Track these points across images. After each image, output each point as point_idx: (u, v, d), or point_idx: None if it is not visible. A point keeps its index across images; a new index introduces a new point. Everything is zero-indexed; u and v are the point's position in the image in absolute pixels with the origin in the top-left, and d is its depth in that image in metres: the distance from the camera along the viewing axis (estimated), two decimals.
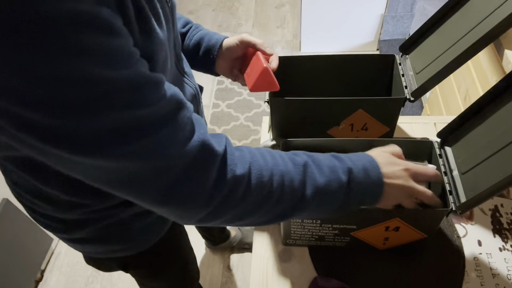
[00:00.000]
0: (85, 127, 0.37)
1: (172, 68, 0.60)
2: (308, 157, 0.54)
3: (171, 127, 0.43)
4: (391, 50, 2.36)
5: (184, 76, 0.67)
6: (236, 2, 2.96)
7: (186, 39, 0.78)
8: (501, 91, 0.68)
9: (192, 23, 0.80)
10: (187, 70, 0.70)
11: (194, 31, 0.79)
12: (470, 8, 0.79)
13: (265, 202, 0.50)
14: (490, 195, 0.61)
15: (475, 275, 0.73)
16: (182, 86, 0.66)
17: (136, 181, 0.44)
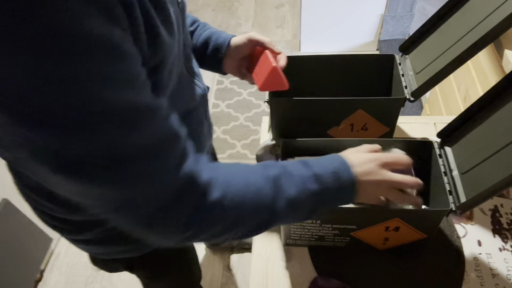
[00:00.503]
0: (71, 147, 0.37)
1: (181, 69, 0.60)
2: (280, 169, 0.54)
3: (161, 157, 0.43)
4: (391, 50, 2.36)
5: (193, 77, 0.67)
6: (235, 2, 2.96)
7: (194, 38, 0.78)
8: (501, 91, 0.68)
9: (200, 22, 0.80)
10: (196, 70, 0.70)
11: (202, 30, 0.78)
12: (470, 8, 0.79)
13: (239, 221, 0.51)
14: (490, 195, 0.61)
15: (475, 275, 0.73)
16: (191, 86, 0.66)
17: (118, 206, 0.43)
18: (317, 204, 0.55)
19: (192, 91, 0.66)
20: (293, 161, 0.57)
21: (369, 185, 0.58)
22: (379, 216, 0.67)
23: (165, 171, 0.44)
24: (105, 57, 0.35)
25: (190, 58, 0.66)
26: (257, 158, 0.87)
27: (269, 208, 0.52)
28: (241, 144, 1.99)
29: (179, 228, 0.47)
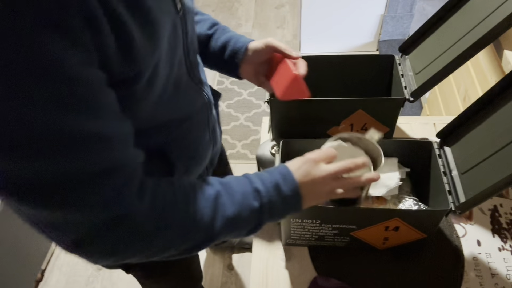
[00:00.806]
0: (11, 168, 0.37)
1: (181, 76, 0.59)
2: (220, 186, 0.54)
3: (96, 187, 0.42)
4: (390, 50, 2.36)
5: (196, 84, 0.65)
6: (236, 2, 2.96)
7: (212, 41, 0.76)
8: (500, 91, 0.68)
9: (219, 25, 0.79)
10: (202, 78, 0.69)
11: (221, 33, 0.77)
12: (469, 8, 0.80)
13: (176, 242, 0.51)
14: (489, 195, 0.61)
15: (474, 275, 0.73)
16: (192, 94, 0.65)
17: (46, 227, 0.43)
18: (260, 219, 0.55)
19: (192, 98, 0.65)
20: (237, 177, 0.57)
21: (312, 185, 0.57)
22: (379, 216, 0.67)
23: (100, 199, 0.43)
24: (55, 83, 0.35)
25: (195, 65, 0.64)
26: (257, 158, 0.87)
27: (207, 229, 0.52)
28: (241, 144, 1.99)
29: (110, 253, 0.47)
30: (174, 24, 0.51)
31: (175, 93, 0.58)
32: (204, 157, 0.72)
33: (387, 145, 0.78)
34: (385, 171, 0.76)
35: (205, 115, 0.69)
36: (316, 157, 0.58)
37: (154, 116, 0.56)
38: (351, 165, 0.58)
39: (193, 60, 0.64)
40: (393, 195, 0.76)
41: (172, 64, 0.54)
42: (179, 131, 0.63)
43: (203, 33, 0.76)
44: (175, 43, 0.53)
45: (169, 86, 0.55)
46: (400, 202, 0.76)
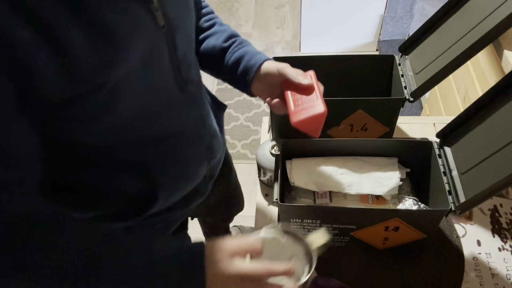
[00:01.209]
0: None
1: (168, 93, 0.57)
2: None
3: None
4: (390, 50, 2.36)
5: (189, 100, 0.62)
6: (236, 2, 2.96)
7: (227, 55, 0.72)
8: (500, 91, 0.68)
9: (238, 38, 0.74)
10: (196, 92, 0.66)
11: (236, 47, 0.72)
12: (469, 8, 0.80)
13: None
14: (489, 195, 0.61)
15: (475, 275, 0.73)
16: (183, 111, 0.62)
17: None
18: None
19: (182, 115, 0.62)
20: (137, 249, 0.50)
21: (216, 280, 0.50)
22: (379, 216, 0.67)
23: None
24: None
25: (190, 81, 0.61)
26: (257, 158, 0.87)
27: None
28: (241, 144, 1.99)
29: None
30: (152, 41, 0.48)
31: (156, 111, 0.55)
32: (194, 173, 0.69)
33: (387, 145, 0.78)
34: (385, 171, 0.76)
35: (195, 131, 0.66)
36: (235, 249, 0.51)
37: (126, 133, 0.53)
38: (265, 272, 0.50)
39: (187, 76, 0.60)
40: (393, 195, 0.76)
41: (149, 82, 0.51)
42: (162, 148, 0.60)
43: (218, 46, 0.72)
44: (153, 60, 0.50)
45: (146, 104, 0.52)
46: (400, 202, 0.76)
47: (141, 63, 0.48)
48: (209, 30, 0.73)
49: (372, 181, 0.75)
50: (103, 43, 0.41)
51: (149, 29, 0.47)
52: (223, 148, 0.80)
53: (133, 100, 0.50)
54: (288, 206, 0.70)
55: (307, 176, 0.76)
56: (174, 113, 0.60)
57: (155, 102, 0.54)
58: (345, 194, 0.76)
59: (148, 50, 0.48)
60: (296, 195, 0.78)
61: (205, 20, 0.74)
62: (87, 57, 0.40)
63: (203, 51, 0.72)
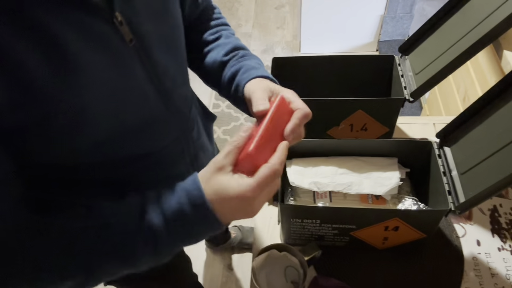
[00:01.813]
0: None
1: (147, 110, 0.53)
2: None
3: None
4: (390, 50, 2.36)
5: (173, 115, 0.59)
6: (236, 2, 2.96)
7: (225, 69, 0.65)
8: (500, 91, 0.68)
9: (240, 51, 0.67)
10: (182, 108, 0.62)
11: (236, 61, 0.65)
12: (469, 9, 0.80)
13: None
14: (489, 195, 0.61)
15: (474, 275, 0.74)
16: (164, 128, 0.58)
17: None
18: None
19: (163, 132, 0.58)
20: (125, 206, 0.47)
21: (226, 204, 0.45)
22: (378, 216, 0.68)
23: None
24: None
25: (173, 96, 0.58)
26: None
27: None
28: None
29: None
30: (118, 57, 0.46)
31: (133, 130, 0.53)
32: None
33: (387, 145, 0.78)
34: (385, 171, 0.76)
35: (179, 147, 0.63)
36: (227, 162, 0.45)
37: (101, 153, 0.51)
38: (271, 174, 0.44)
39: (172, 91, 0.57)
40: (393, 195, 0.76)
41: (121, 101, 0.48)
42: (140, 167, 0.57)
43: (218, 60, 0.66)
44: (124, 78, 0.47)
45: (120, 123, 0.50)
46: (400, 202, 0.76)
47: (109, 82, 0.45)
48: (213, 43, 0.69)
49: (372, 181, 0.75)
50: (59, 63, 0.39)
51: (113, 45, 0.45)
52: (212, 158, 0.78)
53: (104, 120, 0.47)
54: (288, 206, 0.70)
55: (307, 176, 0.76)
56: (155, 131, 0.57)
57: (132, 121, 0.52)
58: (345, 194, 0.76)
59: (116, 67, 0.46)
60: (296, 195, 0.78)
61: (210, 34, 0.70)
62: (42, 81, 0.38)
63: (205, 65, 0.68)
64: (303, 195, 0.78)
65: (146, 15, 0.49)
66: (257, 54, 2.52)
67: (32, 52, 0.36)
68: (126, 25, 0.45)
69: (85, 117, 0.44)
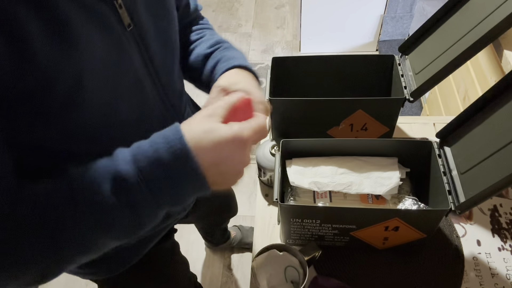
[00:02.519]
0: None
1: (147, 100, 0.54)
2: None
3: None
4: (390, 50, 2.36)
5: (168, 111, 0.60)
6: (236, 2, 2.96)
7: (209, 60, 0.66)
8: (500, 91, 0.68)
9: (224, 44, 0.67)
10: (176, 104, 0.62)
11: (218, 52, 0.65)
12: (469, 8, 0.80)
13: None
14: (489, 195, 0.61)
15: (474, 275, 0.73)
16: (156, 122, 0.57)
17: None
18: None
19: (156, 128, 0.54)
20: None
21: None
22: (378, 216, 0.68)
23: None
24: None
25: (169, 90, 0.58)
26: (257, 158, 0.87)
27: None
28: None
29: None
30: (117, 39, 0.46)
31: (124, 121, 0.51)
32: None
33: (387, 145, 0.78)
34: (385, 171, 0.76)
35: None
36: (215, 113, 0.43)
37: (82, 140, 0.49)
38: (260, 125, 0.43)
39: (168, 84, 0.57)
40: (393, 195, 0.76)
41: (118, 83, 0.48)
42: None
43: (201, 53, 0.67)
44: (121, 59, 0.48)
45: (114, 109, 0.49)
46: (400, 202, 0.76)
47: (107, 63, 0.45)
48: (197, 41, 0.70)
49: (372, 181, 0.75)
50: (60, 36, 0.39)
51: (111, 26, 0.45)
52: None
53: (98, 104, 0.46)
54: (288, 206, 0.70)
55: (307, 176, 0.76)
56: (150, 125, 0.56)
57: (126, 112, 0.51)
58: (345, 194, 0.76)
59: (114, 49, 0.46)
60: (296, 195, 0.78)
61: (195, 34, 0.71)
62: (42, 50, 0.38)
63: (189, 63, 0.69)
64: (303, 195, 0.78)
65: (144, 5, 0.50)
66: (257, 54, 2.52)
67: (37, 23, 0.37)
68: (125, 10, 0.46)
69: (81, 95, 0.43)
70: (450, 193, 0.67)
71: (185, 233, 1.64)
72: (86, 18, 0.42)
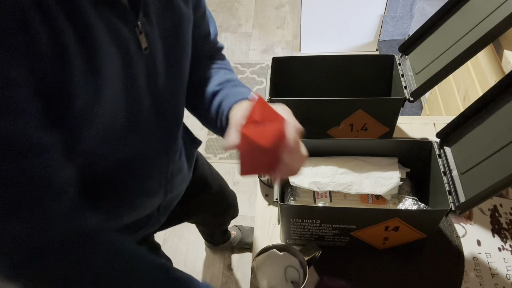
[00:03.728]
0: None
1: (142, 119, 0.56)
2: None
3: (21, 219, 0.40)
4: (390, 50, 2.36)
5: (163, 131, 0.62)
6: (236, 2, 2.96)
7: (214, 100, 0.66)
8: (500, 91, 0.68)
9: (231, 82, 0.68)
10: (171, 128, 0.64)
11: (226, 89, 0.66)
12: (469, 8, 0.80)
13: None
14: (489, 195, 0.61)
15: (474, 275, 0.73)
16: (146, 141, 0.60)
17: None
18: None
19: (146, 143, 0.60)
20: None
21: None
22: (378, 216, 0.68)
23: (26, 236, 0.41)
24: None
25: (170, 116, 0.61)
26: None
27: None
28: None
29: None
30: (130, 60, 0.49)
31: (121, 135, 0.54)
32: (142, 205, 0.67)
33: (387, 145, 0.78)
34: (385, 171, 0.76)
35: (158, 163, 0.64)
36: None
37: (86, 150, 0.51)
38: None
39: (165, 107, 0.59)
40: (393, 195, 0.76)
41: (117, 100, 0.50)
42: (117, 173, 0.59)
43: (210, 90, 0.67)
44: (130, 82, 0.50)
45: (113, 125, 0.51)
46: (400, 202, 0.76)
47: (119, 83, 0.48)
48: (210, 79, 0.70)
49: (372, 181, 0.75)
50: (89, 46, 0.42)
51: (129, 47, 0.48)
52: (186, 183, 0.79)
53: (103, 114, 0.49)
54: (288, 206, 0.70)
55: (307, 176, 0.76)
56: (138, 141, 0.58)
57: (122, 123, 0.53)
58: (345, 194, 0.76)
59: (125, 66, 0.49)
60: (296, 195, 0.78)
61: (212, 72, 0.70)
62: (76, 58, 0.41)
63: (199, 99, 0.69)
64: (303, 195, 0.78)
65: (159, 32, 0.53)
66: (257, 54, 2.52)
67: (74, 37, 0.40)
68: (144, 35, 0.50)
69: (96, 107, 0.46)
70: (450, 193, 0.67)
71: (185, 233, 1.64)
72: (110, 36, 0.45)
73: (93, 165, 0.54)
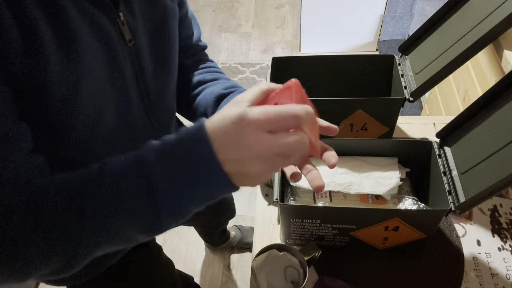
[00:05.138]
0: None
1: (132, 114, 0.56)
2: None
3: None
4: (390, 50, 2.36)
5: (154, 129, 0.62)
6: (236, 2, 2.96)
7: (223, 102, 0.67)
8: (500, 91, 0.68)
9: (240, 88, 0.68)
10: (165, 123, 0.64)
11: (234, 94, 0.67)
12: (469, 8, 0.80)
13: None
14: (489, 195, 0.61)
15: (474, 275, 0.73)
16: (141, 138, 0.58)
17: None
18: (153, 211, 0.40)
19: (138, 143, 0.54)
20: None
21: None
22: (378, 216, 0.68)
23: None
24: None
25: (159, 108, 0.60)
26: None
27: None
28: None
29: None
30: (112, 53, 0.48)
31: (107, 130, 0.53)
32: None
33: (387, 145, 0.78)
34: (385, 171, 0.76)
35: None
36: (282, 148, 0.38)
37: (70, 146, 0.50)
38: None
39: (156, 101, 0.59)
40: (393, 195, 0.76)
41: (103, 95, 0.49)
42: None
43: (216, 92, 0.68)
44: (115, 75, 0.50)
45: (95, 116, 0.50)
46: (400, 202, 0.76)
47: (102, 71, 0.48)
48: (212, 81, 0.72)
49: (372, 181, 0.75)
50: (66, 40, 0.42)
51: (112, 39, 0.48)
52: None
53: (88, 107, 0.48)
54: (288, 206, 0.70)
55: None
56: (130, 137, 0.57)
57: (110, 121, 0.53)
58: (345, 194, 0.76)
59: (109, 59, 0.48)
60: (296, 195, 0.78)
61: (210, 74, 0.72)
62: (52, 53, 0.41)
63: (197, 100, 0.70)
64: (303, 195, 0.78)
65: (143, 25, 0.53)
66: (257, 54, 2.52)
67: (49, 30, 0.40)
68: (127, 26, 0.50)
69: (76, 100, 0.45)
70: (450, 193, 0.67)
71: (185, 233, 1.64)
72: (89, 28, 0.45)
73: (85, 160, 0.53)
